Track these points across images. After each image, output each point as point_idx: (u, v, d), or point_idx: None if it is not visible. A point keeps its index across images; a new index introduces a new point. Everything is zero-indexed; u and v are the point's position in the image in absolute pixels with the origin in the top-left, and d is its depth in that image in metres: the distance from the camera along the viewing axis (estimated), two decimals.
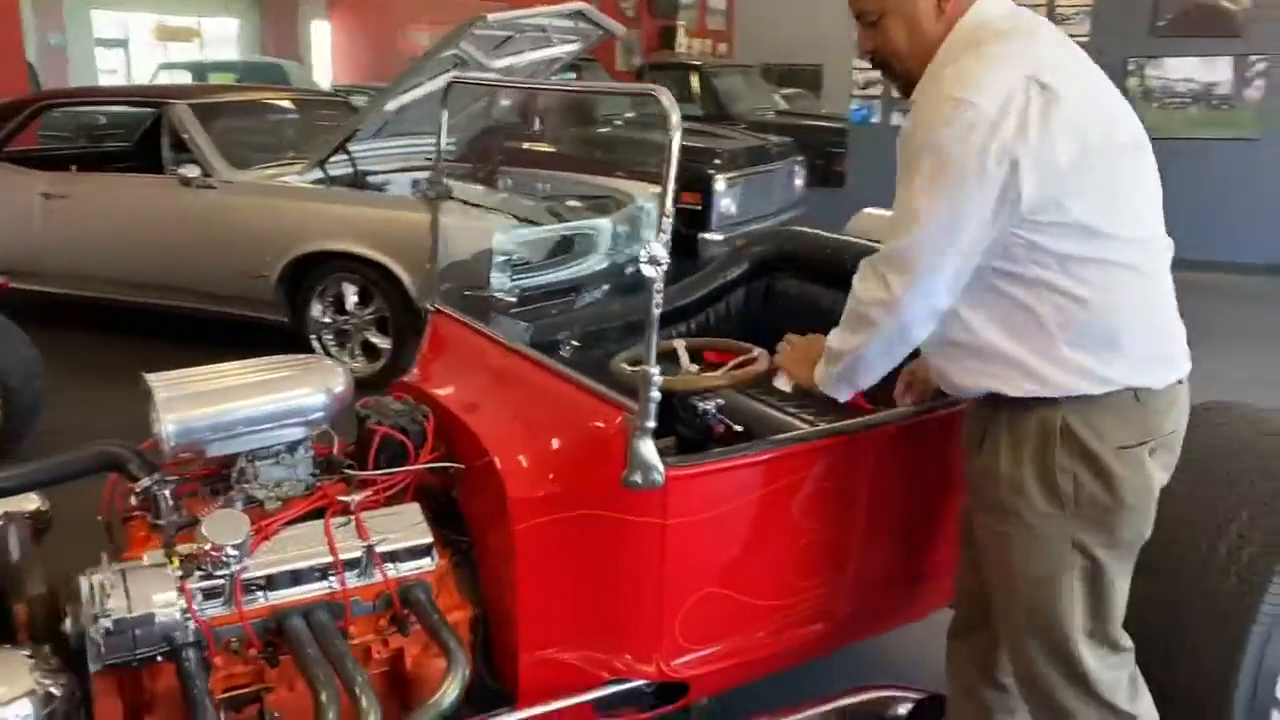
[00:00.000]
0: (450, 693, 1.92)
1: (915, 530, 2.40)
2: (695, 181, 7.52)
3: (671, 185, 1.90)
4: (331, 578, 2.05)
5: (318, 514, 2.11)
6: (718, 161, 7.82)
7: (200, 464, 2.21)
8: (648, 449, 1.98)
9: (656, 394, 1.94)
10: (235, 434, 2.06)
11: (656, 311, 1.92)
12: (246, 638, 1.97)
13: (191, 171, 5.75)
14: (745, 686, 2.32)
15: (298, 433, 2.14)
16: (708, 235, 7.63)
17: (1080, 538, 1.83)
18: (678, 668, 2.20)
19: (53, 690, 1.67)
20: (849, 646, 2.54)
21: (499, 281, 5.27)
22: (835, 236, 3.33)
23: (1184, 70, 8.86)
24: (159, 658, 1.83)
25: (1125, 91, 9.04)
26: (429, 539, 2.14)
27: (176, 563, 1.87)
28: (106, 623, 1.73)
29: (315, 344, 5.68)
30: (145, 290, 6.06)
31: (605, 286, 6.16)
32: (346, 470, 2.18)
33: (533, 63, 6.23)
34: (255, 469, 2.12)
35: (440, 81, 5.77)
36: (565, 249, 5.80)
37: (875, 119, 10.06)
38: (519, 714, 2.13)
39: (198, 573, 1.92)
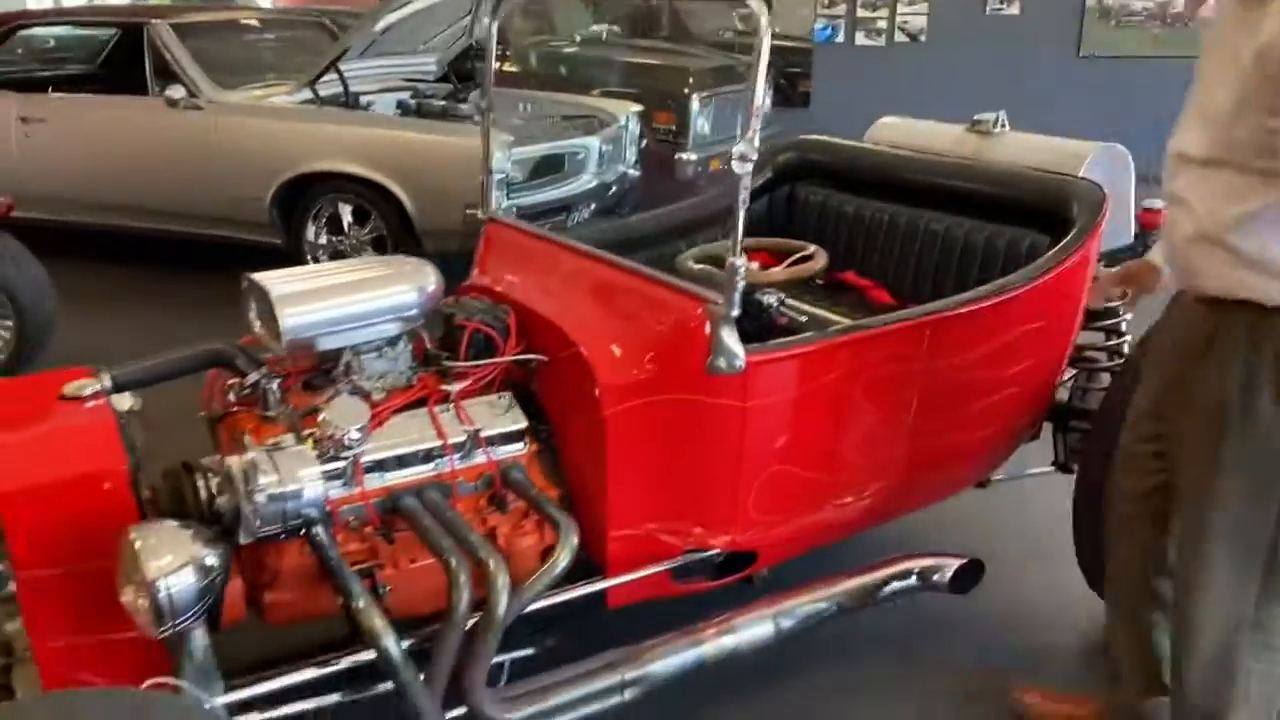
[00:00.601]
0: (563, 559, 2.09)
1: (957, 414, 2.61)
2: (670, 101, 7.59)
3: (761, 83, 2.04)
4: (439, 460, 2.20)
5: (419, 404, 2.25)
6: (691, 81, 7.87)
7: (292, 361, 2.33)
8: (730, 337, 2.14)
9: (742, 284, 2.10)
10: (343, 329, 2.18)
11: (743, 209, 2.07)
12: (365, 517, 2.11)
13: (177, 93, 5.71)
14: (799, 559, 2.53)
15: (397, 328, 2.26)
16: (684, 155, 7.71)
17: None
18: (749, 538, 2.40)
19: (209, 561, 1.80)
20: (890, 523, 2.76)
21: (497, 200, 5.35)
22: (854, 144, 3.49)
23: None
24: (301, 532, 1.96)
25: (1085, 11, 9.30)
26: (524, 424, 2.30)
27: (311, 444, 2.00)
28: (261, 496, 1.87)
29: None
30: (132, 214, 6.03)
31: (593, 205, 6.28)
32: (444, 363, 2.30)
33: None
34: (360, 362, 2.25)
35: (426, 1, 5.78)
36: (555, 168, 5.88)
37: (839, 38, 10.15)
38: (607, 583, 2.31)
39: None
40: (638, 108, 6.87)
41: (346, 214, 5.63)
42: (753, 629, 2.34)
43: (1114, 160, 2.99)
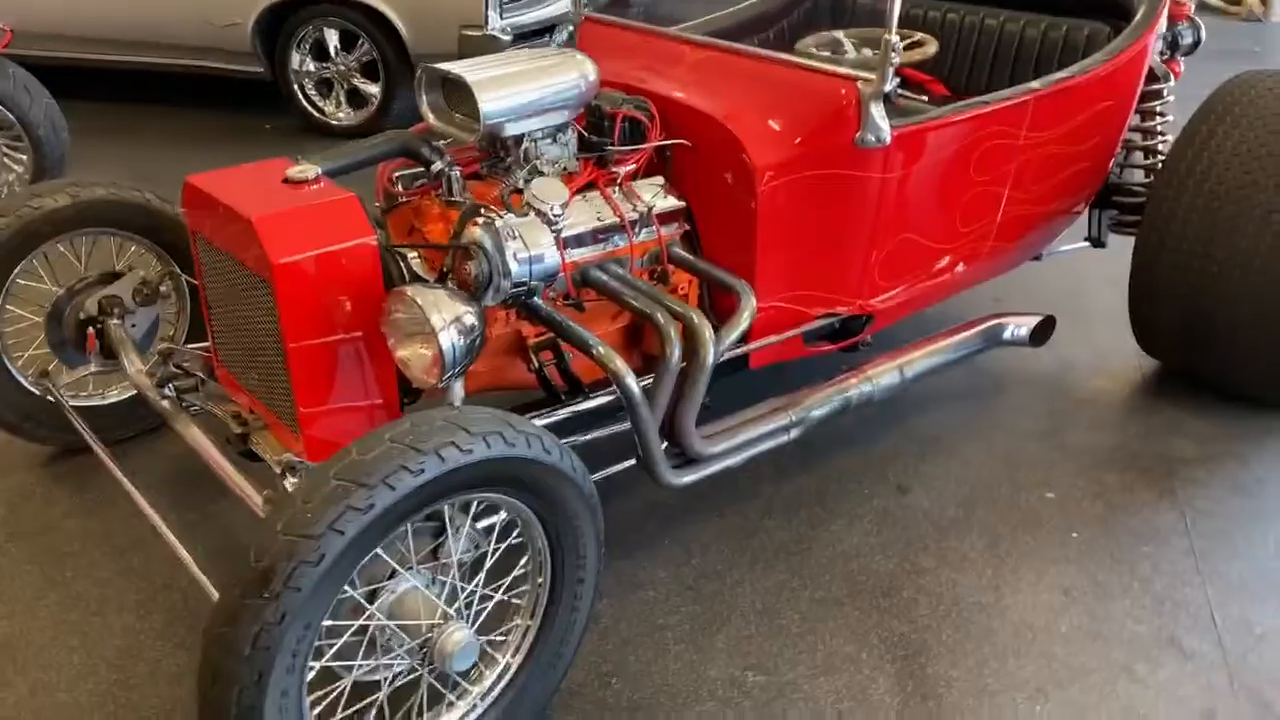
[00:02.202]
0: (745, 318, 2.34)
1: (1040, 186, 2.91)
2: None
3: None
4: (618, 236, 2.41)
5: (588, 186, 2.44)
6: None
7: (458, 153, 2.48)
8: (879, 112, 2.39)
9: (897, 60, 2.33)
10: (528, 114, 2.34)
11: None
12: (563, 288, 2.33)
13: None
14: (896, 327, 2.84)
15: (566, 115, 2.43)
16: None
17: None
18: (873, 303, 2.70)
19: (472, 319, 2.00)
20: (966, 293, 3.09)
21: (495, 19, 5.37)
22: None
23: None
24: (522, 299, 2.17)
25: None
26: (683, 204, 2.52)
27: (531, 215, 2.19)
28: (512, 261, 2.07)
29: (298, 93, 5.67)
30: (115, 47, 5.80)
31: (570, 28, 6.29)
32: (608, 148, 2.48)
33: None
34: (538, 148, 2.41)
35: None
36: None
37: None
38: (753, 345, 2.58)
39: None
40: None
41: (333, 39, 5.56)
42: (885, 378, 2.66)
43: None
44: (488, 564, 1.81)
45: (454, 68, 2.34)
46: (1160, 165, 3.06)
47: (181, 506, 2.62)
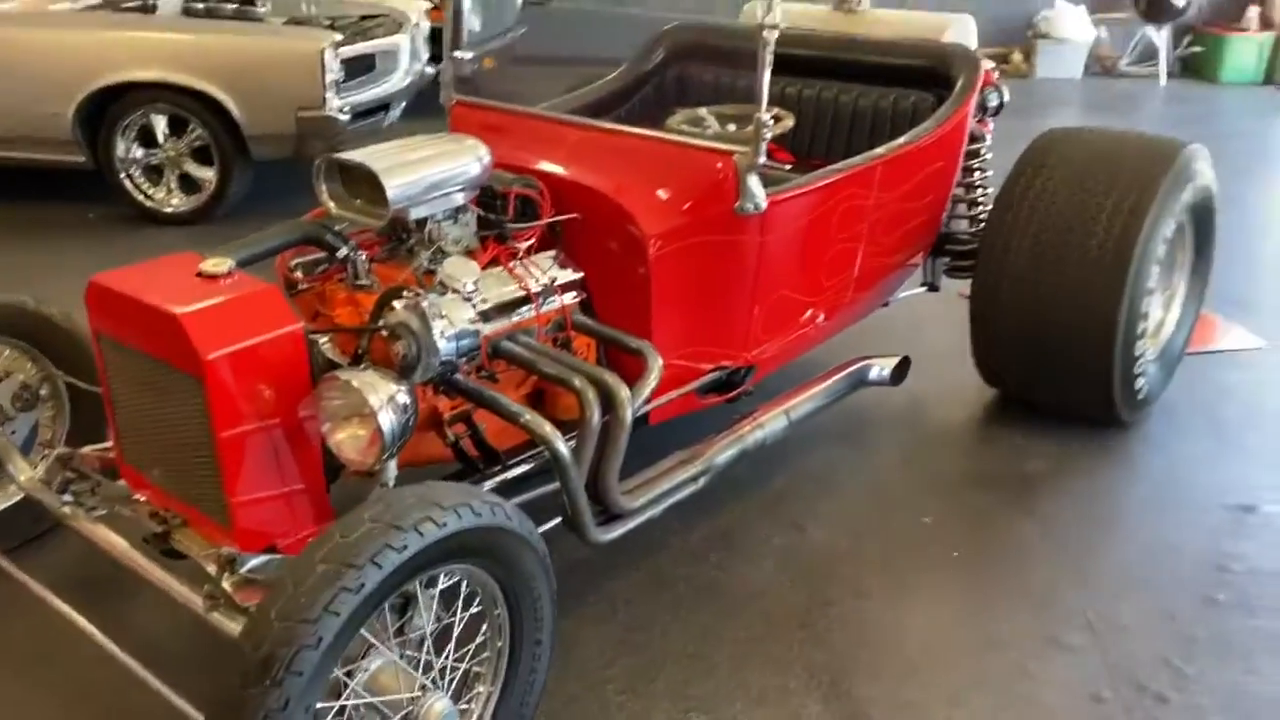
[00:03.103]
0: (653, 376, 2.47)
1: (888, 240, 3.21)
2: None
3: None
4: (523, 308, 2.52)
5: (491, 262, 2.55)
6: None
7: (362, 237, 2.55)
8: (755, 182, 2.61)
9: (769, 136, 2.55)
10: (429, 198, 2.43)
11: (767, 73, 2.51)
12: (479, 360, 2.41)
13: None
14: (769, 379, 3.06)
15: (465, 196, 2.53)
16: (459, 53, 7.82)
17: None
18: (754, 355, 2.90)
19: (405, 398, 2.06)
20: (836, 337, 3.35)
21: (333, 100, 5.40)
22: (730, 24, 3.97)
23: None
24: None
25: None
26: (580, 274, 2.65)
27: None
28: (440, 339, 2.14)
29: (125, 182, 5.50)
30: None
31: (404, 103, 6.37)
32: (506, 225, 2.59)
33: None
34: (441, 229, 2.50)
35: None
36: (367, 68, 5.93)
37: None
38: (654, 404, 2.73)
39: None
40: (427, 5, 6.95)
41: (160, 125, 5.44)
42: (773, 423, 2.85)
43: (965, 27, 3.66)
44: (456, 633, 1.87)
45: (356, 156, 2.41)
46: (987, 214, 3.41)
47: (89, 612, 2.52)
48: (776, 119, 3.09)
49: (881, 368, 3.22)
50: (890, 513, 2.99)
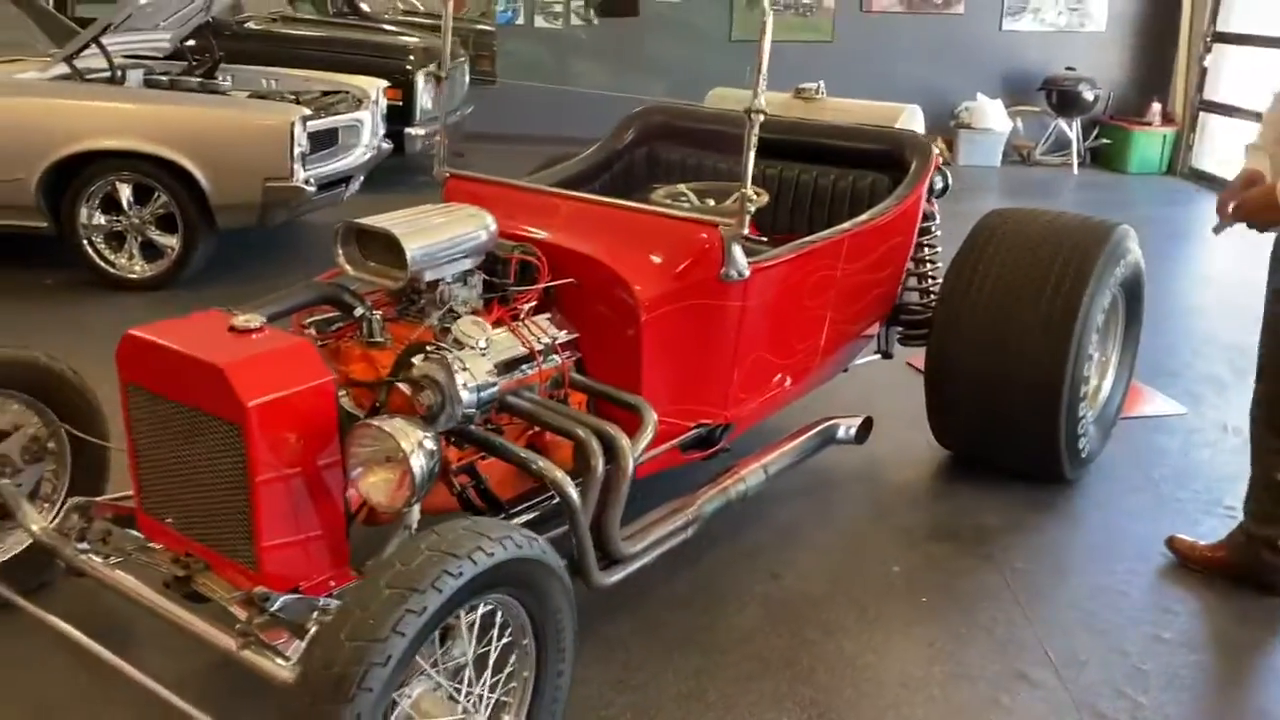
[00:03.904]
0: (649, 430, 2.64)
1: (851, 308, 3.46)
2: (396, 77, 7.86)
3: (766, 54, 2.70)
4: (526, 365, 2.68)
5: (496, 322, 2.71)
6: (412, 58, 8.23)
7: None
8: (739, 251, 2.83)
9: (753, 210, 2.78)
10: (442, 261, 2.60)
11: (751, 153, 2.74)
12: (488, 412, 2.56)
13: None
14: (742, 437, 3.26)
15: (473, 261, 2.70)
16: (412, 130, 8.06)
17: None
18: (734, 413, 3.10)
19: (433, 444, 2.20)
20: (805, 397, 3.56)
21: (300, 172, 5.54)
22: (699, 107, 4.24)
23: None
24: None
25: (733, 1, 10.64)
26: (576, 335, 2.83)
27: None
28: (463, 391, 2.29)
29: (88, 249, 5.54)
30: None
31: (362, 177, 6.54)
32: (510, 288, 2.77)
33: None
34: (450, 290, 2.66)
35: None
36: (330, 142, 6.09)
37: (520, 20, 10.83)
38: (641, 459, 2.89)
39: None
40: (384, 83, 7.15)
41: (125, 192, 5.51)
42: (753, 477, 3.04)
43: (915, 115, 3.98)
44: (492, 660, 1.99)
45: (378, 222, 2.57)
46: (937, 286, 3.69)
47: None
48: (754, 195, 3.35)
49: (848, 427, 3.44)
50: (860, 562, 3.18)
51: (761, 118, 2.73)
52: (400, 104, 7.90)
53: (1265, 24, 9.45)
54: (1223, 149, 9.91)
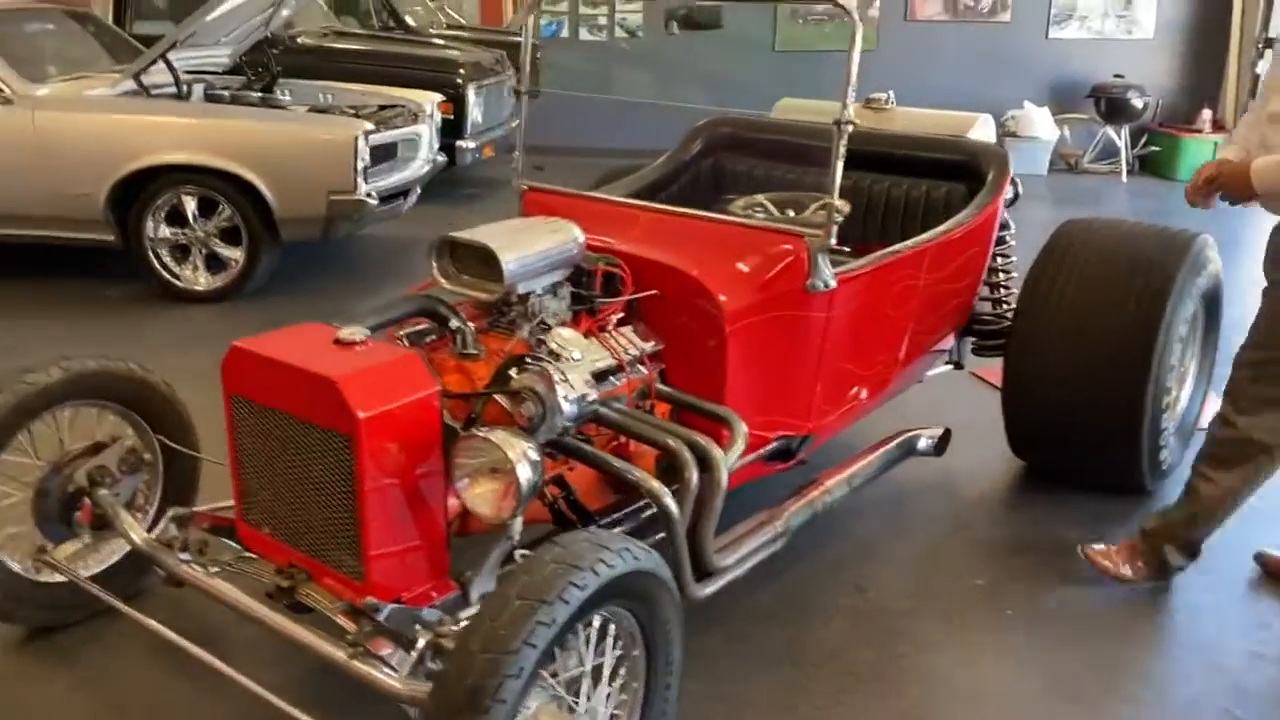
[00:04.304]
0: (740, 442, 2.64)
1: (931, 319, 3.44)
2: (447, 91, 7.91)
3: (855, 67, 2.71)
4: (614, 376, 2.69)
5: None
6: (462, 72, 8.29)
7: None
8: (825, 262, 2.83)
9: (840, 219, 2.78)
10: (537, 274, 2.62)
11: (840, 164, 2.74)
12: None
13: None
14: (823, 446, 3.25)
15: (562, 273, 2.72)
16: (463, 142, 8.11)
17: None
18: (816, 424, 3.09)
19: (536, 455, 2.21)
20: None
21: (364, 185, 5.59)
22: (767, 118, 4.25)
23: None
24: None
25: (777, 11, 10.63)
26: (661, 345, 2.83)
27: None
28: (564, 402, 2.31)
29: (154, 261, 5.63)
30: None
31: (419, 190, 6.59)
32: (598, 300, 2.78)
33: None
34: (541, 302, 2.68)
35: None
36: (389, 155, 6.14)
37: (564, 33, 10.89)
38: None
39: None
40: (439, 97, 7.22)
41: (190, 205, 5.59)
42: (838, 490, 3.03)
43: (987, 125, 3.96)
44: (606, 672, 1.99)
45: (472, 235, 2.59)
46: (1012, 296, 3.67)
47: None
48: (823, 208, 3.35)
49: (928, 438, 3.43)
50: (942, 575, 3.16)
51: (850, 129, 2.72)
52: (451, 117, 7.95)
53: None
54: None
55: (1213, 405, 4.26)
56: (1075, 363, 3.38)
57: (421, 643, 2.09)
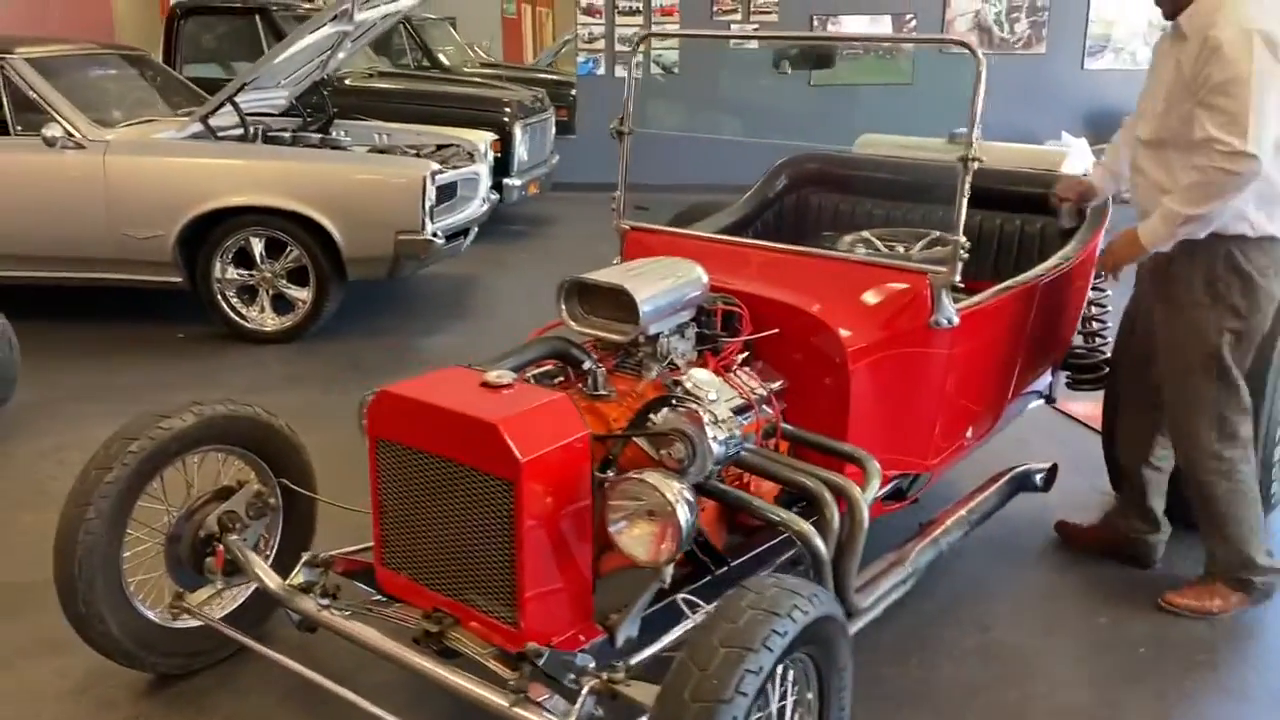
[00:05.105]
0: (875, 483, 2.62)
1: (1038, 353, 3.43)
2: (495, 129, 7.98)
3: (979, 105, 2.72)
4: (744, 417, 2.67)
5: None
6: (509, 111, 8.35)
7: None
8: (948, 298, 2.82)
9: (965, 256, 2.77)
10: (668, 314, 2.61)
11: (964, 200, 2.74)
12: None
13: (54, 131, 5.42)
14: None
15: (689, 313, 2.72)
16: (509, 180, 8.16)
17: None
18: (934, 461, 3.07)
19: (690, 495, 2.20)
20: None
21: (430, 225, 5.62)
22: (852, 153, 4.25)
23: (858, 26, 10.62)
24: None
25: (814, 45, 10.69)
26: (784, 384, 2.82)
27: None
28: (715, 444, 2.29)
29: (221, 303, 5.65)
30: (18, 263, 5.61)
31: (476, 229, 6.62)
32: (722, 339, 2.77)
33: (385, 14, 6.49)
34: (670, 343, 2.67)
35: (317, 35, 5.89)
36: (449, 195, 6.17)
37: (600, 71, 10.97)
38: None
39: None
40: (492, 136, 7.28)
41: (258, 247, 5.61)
42: (958, 527, 3.01)
43: (1080, 148, 3.96)
44: (789, 716, 1.97)
45: (607, 277, 2.59)
46: (1106, 330, 3.66)
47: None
48: (934, 243, 3.34)
49: (1037, 474, 3.40)
50: (1062, 613, 3.12)
51: (976, 165, 2.72)
52: (498, 155, 7.99)
53: None
54: None
55: None
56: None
57: (586, 689, 2.06)
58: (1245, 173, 2.72)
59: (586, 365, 2.62)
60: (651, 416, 2.42)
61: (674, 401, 2.40)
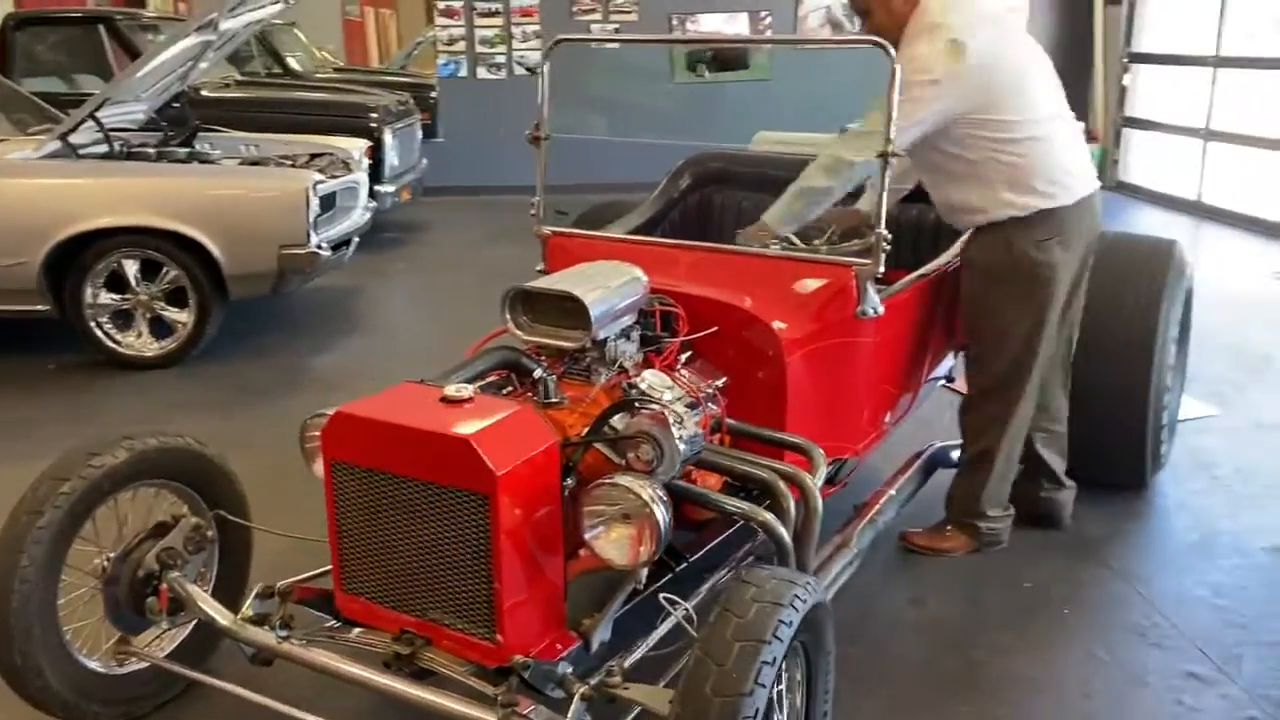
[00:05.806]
0: (823, 471, 2.70)
1: (945, 339, 3.58)
2: (364, 135, 7.79)
3: (896, 104, 2.82)
4: (695, 413, 2.71)
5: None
6: (376, 116, 8.20)
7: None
8: (873, 289, 2.93)
9: (887, 248, 2.88)
10: (615, 318, 2.63)
11: (885, 194, 2.84)
12: None
13: None
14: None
15: (633, 317, 2.74)
16: (381, 187, 8.00)
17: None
18: (862, 446, 3.18)
19: (664, 495, 2.22)
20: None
21: (314, 237, 5.47)
22: (751, 152, 4.34)
23: (715, 25, 10.81)
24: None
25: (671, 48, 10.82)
26: (725, 380, 2.88)
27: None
28: (681, 444, 2.31)
29: (95, 330, 5.36)
30: None
31: (358, 239, 6.47)
32: (664, 340, 2.80)
33: (249, 22, 6.28)
34: (618, 346, 2.69)
35: (183, 45, 5.67)
36: (328, 206, 6.02)
37: (462, 73, 10.85)
38: None
39: None
40: (365, 143, 7.12)
41: (132, 269, 5.35)
42: (890, 508, 3.13)
43: None
44: (786, 705, 2.01)
45: (554, 284, 2.59)
46: None
47: None
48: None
49: (952, 450, 3.56)
50: (989, 580, 3.28)
51: (895, 160, 2.83)
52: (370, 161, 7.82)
53: (1170, 44, 10.15)
54: (1146, 161, 10.52)
55: (1189, 402, 4.58)
56: (1083, 368, 3.56)
57: (577, 697, 2.07)
58: None
59: (537, 373, 2.61)
60: (612, 421, 2.43)
61: (635, 405, 2.42)
